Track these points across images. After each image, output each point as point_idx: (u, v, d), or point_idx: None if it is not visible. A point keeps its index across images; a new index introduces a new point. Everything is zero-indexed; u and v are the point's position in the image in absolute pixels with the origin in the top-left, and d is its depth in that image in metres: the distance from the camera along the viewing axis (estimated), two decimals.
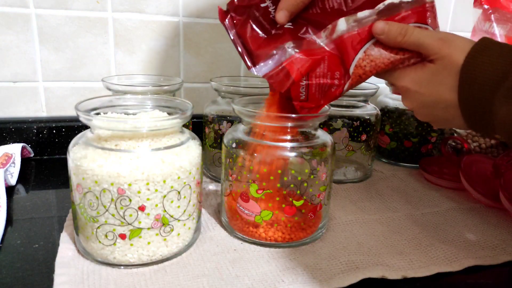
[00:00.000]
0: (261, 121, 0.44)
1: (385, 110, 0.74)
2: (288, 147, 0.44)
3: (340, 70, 0.42)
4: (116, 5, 0.69)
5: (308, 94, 0.43)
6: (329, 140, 0.47)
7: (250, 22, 0.44)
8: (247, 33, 0.44)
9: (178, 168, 0.39)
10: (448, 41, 0.38)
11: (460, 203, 0.59)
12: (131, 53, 0.72)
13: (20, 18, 0.65)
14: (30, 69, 0.68)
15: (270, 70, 0.43)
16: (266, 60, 0.43)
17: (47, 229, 0.47)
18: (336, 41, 0.42)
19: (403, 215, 0.54)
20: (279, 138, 0.45)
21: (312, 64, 0.42)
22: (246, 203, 0.44)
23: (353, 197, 0.59)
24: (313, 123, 0.45)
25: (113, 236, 0.39)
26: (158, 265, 0.41)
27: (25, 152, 0.67)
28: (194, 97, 0.78)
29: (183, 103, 0.45)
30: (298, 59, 0.42)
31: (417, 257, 0.44)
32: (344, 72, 0.42)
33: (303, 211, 0.45)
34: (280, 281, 0.39)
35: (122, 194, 0.37)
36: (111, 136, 0.39)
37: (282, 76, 0.42)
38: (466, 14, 0.92)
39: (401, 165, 0.73)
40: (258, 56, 0.43)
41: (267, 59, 0.43)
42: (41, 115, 0.70)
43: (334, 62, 0.42)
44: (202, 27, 0.74)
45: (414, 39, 0.39)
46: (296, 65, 0.42)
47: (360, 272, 0.41)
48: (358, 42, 0.41)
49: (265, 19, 0.44)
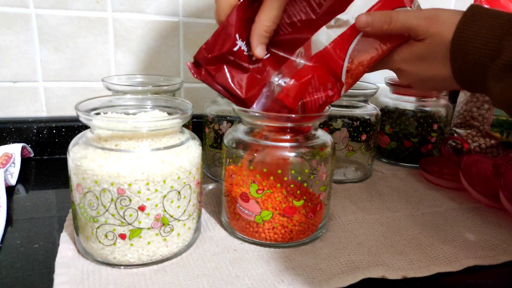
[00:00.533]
0: (261, 121, 0.44)
1: (385, 110, 0.74)
2: (288, 147, 0.44)
3: (330, 80, 0.43)
4: (116, 5, 0.69)
5: (305, 110, 0.44)
6: (329, 140, 0.47)
7: (226, 69, 0.44)
8: (229, 81, 0.44)
9: (178, 168, 0.39)
10: (435, 18, 0.37)
11: (460, 203, 0.59)
12: (131, 53, 0.72)
13: (20, 18, 0.65)
14: (30, 69, 0.68)
15: (266, 107, 0.45)
16: (259, 99, 0.44)
17: (47, 229, 0.47)
18: (317, 54, 0.42)
19: (403, 215, 0.54)
20: (279, 138, 0.45)
21: (303, 87, 0.43)
22: (246, 203, 0.44)
23: (353, 197, 0.59)
24: (313, 123, 0.45)
25: (113, 236, 0.39)
26: (158, 265, 0.41)
27: (25, 152, 0.67)
28: (194, 97, 0.78)
29: (183, 103, 0.45)
30: (289, 88, 0.43)
31: (417, 257, 0.44)
32: (335, 80, 0.42)
33: (303, 211, 0.45)
34: (280, 281, 0.39)
35: (122, 194, 0.37)
36: (111, 136, 0.39)
37: (278, 107, 0.44)
38: None
39: (401, 165, 0.73)
40: (250, 99, 0.44)
41: (260, 98, 0.44)
42: (41, 115, 0.70)
43: (323, 75, 0.42)
44: (202, 27, 0.74)
45: (400, 24, 0.38)
46: (290, 95, 0.43)
47: (360, 272, 0.41)
48: (341, 49, 0.41)
49: (241, 59, 0.44)
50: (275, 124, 0.44)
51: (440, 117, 0.71)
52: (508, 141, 0.69)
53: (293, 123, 0.44)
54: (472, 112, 0.72)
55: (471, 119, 0.72)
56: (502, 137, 0.69)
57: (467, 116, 0.73)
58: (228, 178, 0.46)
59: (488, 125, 0.69)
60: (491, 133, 0.69)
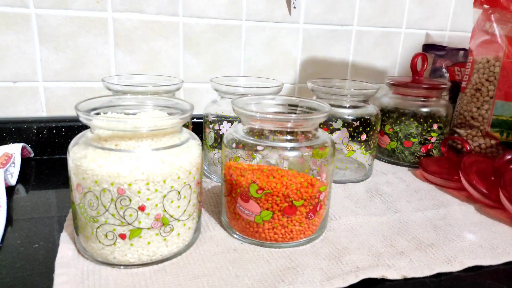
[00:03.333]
0: (261, 122, 0.44)
1: (385, 110, 0.74)
2: (288, 147, 0.44)
3: None
4: (116, 5, 0.69)
5: None
6: (329, 140, 0.47)
7: None
8: None
9: (178, 168, 0.39)
10: None
11: (460, 203, 0.59)
12: (131, 53, 0.72)
13: (20, 18, 0.65)
14: (30, 69, 0.68)
15: None
16: None
17: (47, 229, 0.47)
18: None
19: (403, 215, 0.54)
20: (279, 138, 0.45)
21: None
22: (246, 203, 0.44)
23: (353, 197, 0.59)
24: (313, 123, 0.45)
25: (113, 236, 0.39)
26: (158, 265, 0.41)
27: (25, 152, 0.67)
28: (194, 97, 0.78)
29: (183, 103, 0.45)
30: None
31: (417, 257, 0.44)
32: None
33: (303, 211, 0.45)
34: (280, 281, 0.39)
35: (122, 194, 0.37)
36: (111, 136, 0.39)
37: None
38: (466, 14, 0.92)
39: (401, 165, 0.73)
40: None
41: None
42: (41, 115, 0.70)
43: None
44: (201, 27, 0.74)
45: None
46: None
47: (360, 272, 0.41)
48: None
49: None
50: (275, 125, 0.44)
51: (440, 117, 0.71)
52: (508, 141, 0.69)
53: (293, 124, 0.44)
54: (472, 112, 0.72)
55: (471, 119, 0.72)
56: (502, 137, 0.69)
57: (467, 116, 0.73)
58: (228, 178, 0.46)
59: (488, 125, 0.69)
60: (491, 133, 0.69)
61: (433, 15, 0.91)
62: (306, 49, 0.83)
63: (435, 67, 0.89)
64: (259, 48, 0.80)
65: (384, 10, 0.86)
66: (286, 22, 0.80)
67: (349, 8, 0.84)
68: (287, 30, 0.80)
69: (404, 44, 0.91)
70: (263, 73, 0.81)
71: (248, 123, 0.46)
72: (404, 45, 0.91)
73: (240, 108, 0.45)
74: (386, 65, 0.91)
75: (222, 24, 0.75)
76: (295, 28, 0.81)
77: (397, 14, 0.88)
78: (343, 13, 0.83)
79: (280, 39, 0.81)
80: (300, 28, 0.81)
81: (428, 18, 0.90)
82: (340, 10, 0.83)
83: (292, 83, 0.85)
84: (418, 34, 0.91)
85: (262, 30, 0.79)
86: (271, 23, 0.79)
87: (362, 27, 0.86)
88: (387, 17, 0.87)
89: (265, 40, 0.79)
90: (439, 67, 0.88)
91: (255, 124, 0.45)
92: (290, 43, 0.82)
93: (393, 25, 0.88)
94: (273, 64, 0.82)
